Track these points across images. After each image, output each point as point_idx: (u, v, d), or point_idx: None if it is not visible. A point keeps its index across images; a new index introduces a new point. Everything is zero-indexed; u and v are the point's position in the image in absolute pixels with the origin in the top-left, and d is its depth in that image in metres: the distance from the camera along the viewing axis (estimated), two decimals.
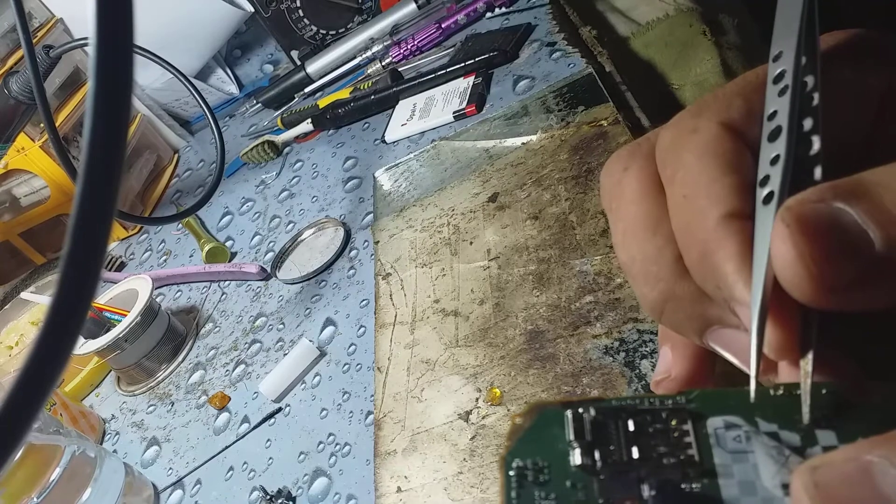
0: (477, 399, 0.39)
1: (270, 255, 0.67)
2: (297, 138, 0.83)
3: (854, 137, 0.20)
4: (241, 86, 1.07)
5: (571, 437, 0.18)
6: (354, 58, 0.88)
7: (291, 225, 0.69)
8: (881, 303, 0.16)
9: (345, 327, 0.52)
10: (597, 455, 0.17)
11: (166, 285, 0.74)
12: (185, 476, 0.50)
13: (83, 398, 0.66)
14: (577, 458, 0.17)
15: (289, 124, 0.85)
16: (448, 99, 0.67)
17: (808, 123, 0.18)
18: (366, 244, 0.58)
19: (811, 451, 0.16)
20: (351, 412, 0.45)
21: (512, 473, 0.18)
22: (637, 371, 0.35)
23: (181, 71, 0.63)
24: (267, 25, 0.94)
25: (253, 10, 0.93)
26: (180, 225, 0.81)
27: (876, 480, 0.13)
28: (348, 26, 0.94)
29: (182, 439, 0.54)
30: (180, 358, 0.62)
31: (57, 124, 0.79)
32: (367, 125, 0.76)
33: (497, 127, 0.58)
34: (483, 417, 0.38)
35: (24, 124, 0.68)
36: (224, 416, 0.53)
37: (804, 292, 0.16)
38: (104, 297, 0.64)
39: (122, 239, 0.91)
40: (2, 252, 0.93)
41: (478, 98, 0.64)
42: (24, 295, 0.73)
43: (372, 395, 0.44)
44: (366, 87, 0.79)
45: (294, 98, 0.93)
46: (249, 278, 0.65)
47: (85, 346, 0.58)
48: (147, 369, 0.61)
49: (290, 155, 0.82)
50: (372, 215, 0.60)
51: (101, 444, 0.59)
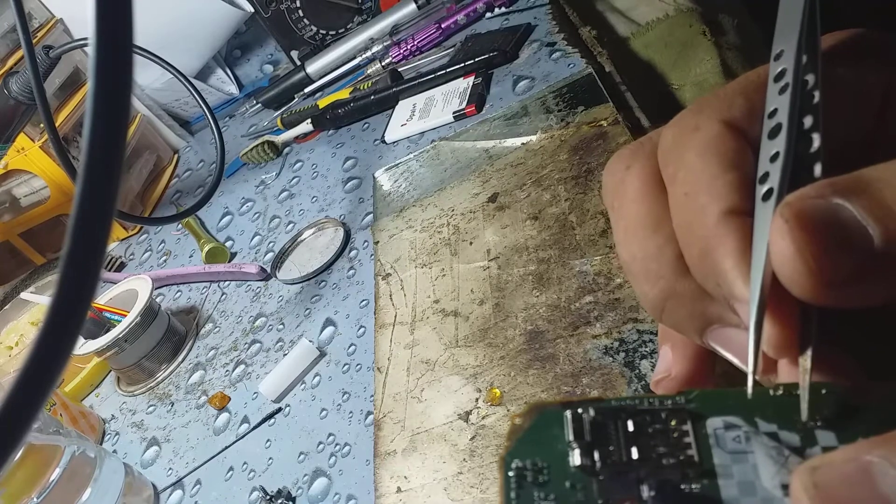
0: (477, 399, 0.39)
1: (270, 255, 0.67)
2: (297, 138, 0.83)
3: (854, 137, 0.20)
4: (240, 86, 1.06)
5: (571, 437, 0.18)
6: (354, 58, 0.88)
7: (291, 225, 0.69)
8: (879, 299, 0.16)
9: (344, 327, 0.52)
10: (596, 455, 0.17)
11: (166, 285, 0.74)
12: (185, 476, 0.50)
13: (83, 398, 0.66)
14: (576, 458, 0.17)
15: (289, 124, 0.85)
16: (448, 99, 0.67)
17: (808, 121, 0.18)
18: (365, 244, 0.58)
19: (811, 452, 0.16)
20: (351, 412, 0.45)
21: (511, 474, 0.18)
22: (637, 371, 0.35)
23: (181, 71, 0.63)
24: (267, 25, 0.94)
25: (253, 10, 0.93)
26: (180, 225, 0.81)
27: (876, 481, 0.13)
28: (348, 26, 0.94)
29: (182, 439, 0.54)
30: (180, 358, 0.62)
31: (57, 124, 0.79)
32: (366, 125, 0.76)
33: (497, 127, 0.58)
34: (483, 418, 0.38)
35: (24, 124, 0.68)
36: (224, 416, 0.53)
37: (803, 288, 0.16)
38: (104, 298, 0.64)
39: (122, 239, 0.91)
40: (2, 252, 0.93)
41: (477, 98, 0.64)
42: (24, 295, 0.73)
43: (372, 396, 0.44)
44: (365, 87, 0.79)
45: (294, 98, 0.93)
46: (249, 278, 0.65)
47: (85, 347, 0.58)
48: (147, 369, 0.61)
49: (290, 155, 0.82)
50: (372, 215, 0.60)
51: (101, 444, 0.59)
